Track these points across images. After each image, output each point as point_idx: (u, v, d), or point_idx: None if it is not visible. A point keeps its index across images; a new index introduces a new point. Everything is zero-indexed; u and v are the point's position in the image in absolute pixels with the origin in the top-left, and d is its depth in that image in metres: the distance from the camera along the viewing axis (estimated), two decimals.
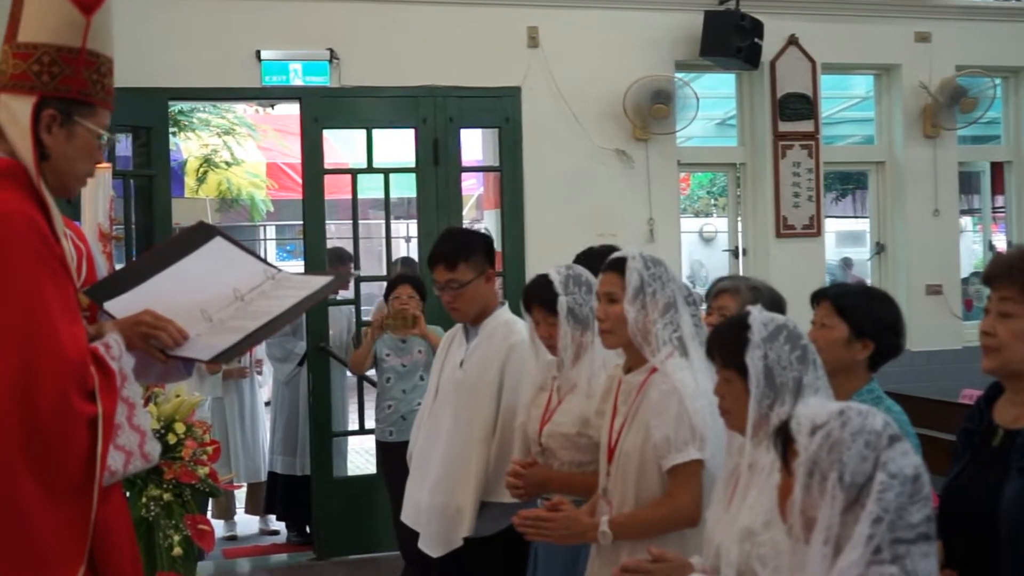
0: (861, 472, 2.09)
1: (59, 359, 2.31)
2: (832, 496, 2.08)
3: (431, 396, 4.58)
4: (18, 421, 2.25)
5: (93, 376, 2.36)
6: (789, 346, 2.73)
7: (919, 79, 8.66)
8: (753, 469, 2.72)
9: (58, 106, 2.50)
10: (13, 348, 2.27)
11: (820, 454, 2.12)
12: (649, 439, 3.29)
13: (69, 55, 2.49)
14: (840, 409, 2.17)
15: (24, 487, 2.26)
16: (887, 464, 2.09)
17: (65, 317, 2.38)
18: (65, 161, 2.54)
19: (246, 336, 2.68)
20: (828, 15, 8.53)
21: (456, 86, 7.71)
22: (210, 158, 13.91)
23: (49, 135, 2.50)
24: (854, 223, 18.31)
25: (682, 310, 3.41)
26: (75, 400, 2.31)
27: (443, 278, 4.37)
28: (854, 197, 18.98)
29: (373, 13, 7.61)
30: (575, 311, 3.83)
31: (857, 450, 2.10)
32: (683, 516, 3.22)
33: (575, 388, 3.84)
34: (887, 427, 2.14)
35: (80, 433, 2.32)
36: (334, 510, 7.49)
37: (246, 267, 2.93)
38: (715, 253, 14.71)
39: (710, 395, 3.20)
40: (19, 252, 2.33)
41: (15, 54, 2.48)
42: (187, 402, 4.07)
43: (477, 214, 13.07)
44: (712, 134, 11.47)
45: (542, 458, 3.90)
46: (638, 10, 8.07)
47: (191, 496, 3.95)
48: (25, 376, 2.26)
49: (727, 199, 9.61)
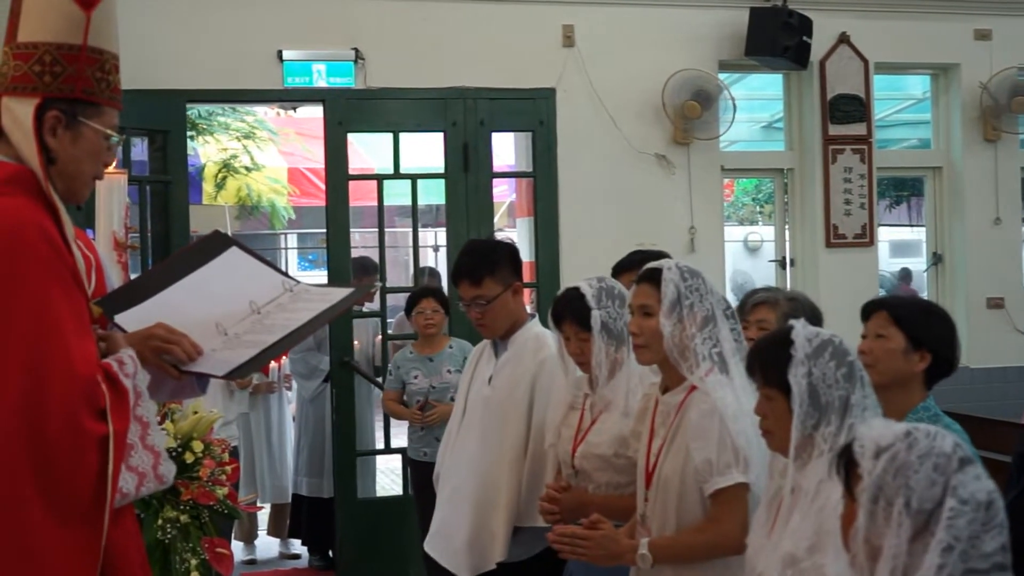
0: (930, 497, 2.05)
1: (68, 377, 2.31)
2: (899, 523, 2.05)
3: (458, 415, 4.58)
4: (25, 441, 2.25)
5: (104, 394, 2.35)
6: (835, 363, 2.71)
7: (978, 79, 8.59)
8: (796, 493, 2.70)
9: (62, 107, 2.50)
10: (22, 365, 2.27)
11: (885, 478, 2.08)
12: (690, 462, 3.27)
13: (70, 53, 2.50)
14: (907, 430, 2.14)
15: (31, 510, 2.26)
16: (958, 489, 2.05)
17: (76, 332, 2.38)
18: (72, 164, 2.54)
19: (262, 351, 2.67)
20: (881, 11, 8.48)
21: (487, 87, 7.71)
22: (229, 163, 13.93)
23: (54, 138, 2.50)
24: (909, 232, 18.17)
25: (721, 324, 3.40)
26: (84, 419, 2.31)
27: (469, 295, 4.36)
28: (909, 204, 18.82)
29: (400, 11, 7.62)
30: (609, 326, 3.81)
31: (925, 474, 2.06)
32: (727, 543, 3.19)
33: (610, 406, 3.83)
34: (957, 449, 2.10)
35: (90, 454, 2.31)
36: (358, 533, 7.48)
37: (263, 278, 2.93)
38: (761, 263, 14.62)
39: (752, 414, 3.18)
40: (29, 264, 2.34)
41: (15, 55, 2.49)
42: (205, 419, 4.06)
43: (509, 222, 13.05)
44: (758, 138, 11.44)
45: (575, 480, 3.88)
46: (679, 7, 8.05)
47: (209, 518, 3.94)
48: (33, 394, 2.26)
49: (774, 206, 9.57)
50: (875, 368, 3.30)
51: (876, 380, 3.04)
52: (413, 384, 6.52)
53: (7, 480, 2.25)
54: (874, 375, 3.14)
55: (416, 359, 6.61)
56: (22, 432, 2.25)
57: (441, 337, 6.68)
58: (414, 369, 6.55)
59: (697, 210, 8.05)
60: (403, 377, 6.58)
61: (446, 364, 6.49)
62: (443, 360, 6.52)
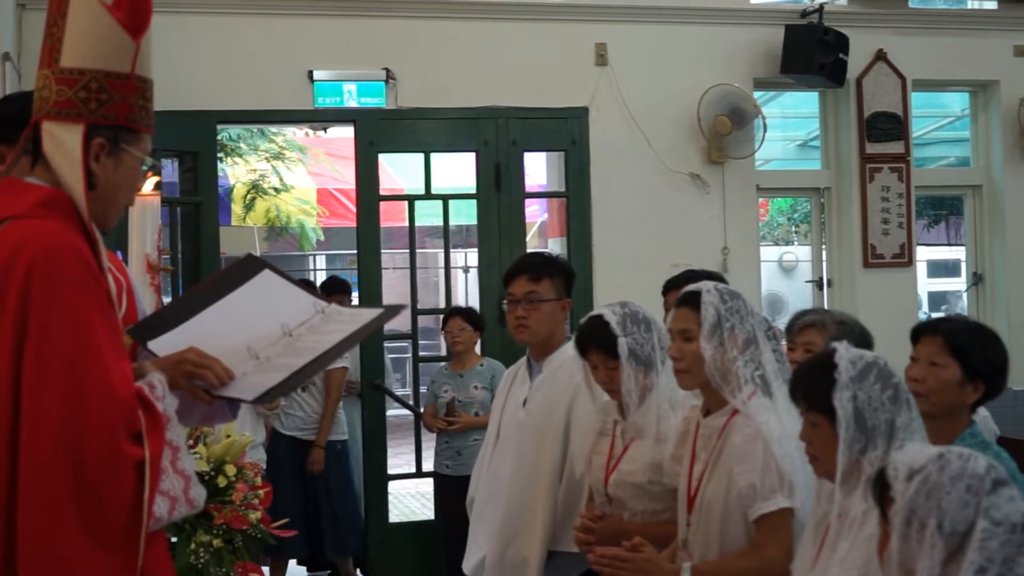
0: (962, 519, 2.06)
1: (109, 398, 2.32)
2: (931, 545, 2.06)
3: (492, 438, 4.57)
4: (65, 465, 2.26)
5: (140, 418, 2.37)
6: (880, 385, 2.69)
7: (1018, 96, 8.56)
8: (843, 519, 2.68)
9: (106, 134, 2.53)
10: (62, 385, 2.28)
11: (917, 500, 2.10)
12: (733, 487, 3.26)
13: (118, 81, 2.52)
14: (939, 453, 2.15)
15: (72, 533, 2.27)
16: (990, 510, 2.06)
17: (114, 354, 2.39)
18: (111, 190, 2.57)
19: (291, 374, 2.68)
20: (919, 28, 8.46)
21: (519, 107, 7.73)
22: (258, 184, 14.00)
23: (98, 164, 2.53)
24: (949, 251, 18.09)
25: (763, 346, 3.38)
26: (123, 443, 2.33)
27: (523, 290, 4.35)
28: (948, 224, 18.74)
29: (431, 30, 7.65)
30: (636, 352, 3.76)
31: (957, 495, 2.07)
32: (772, 569, 3.16)
33: (642, 433, 3.79)
34: (991, 471, 2.10)
35: (128, 477, 2.32)
36: (390, 556, 7.50)
37: (295, 301, 2.94)
38: (796, 284, 14.59)
39: (797, 438, 3.17)
40: (68, 286, 2.35)
41: (59, 79, 2.51)
42: (238, 442, 4.08)
43: (540, 242, 13.05)
44: (793, 156, 11.41)
45: (609, 509, 3.85)
46: (714, 24, 8.06)
47: (242, 543, 3.96)
48: (74, 414, 2.27)
49: (809, 226, 9.54)
50: (927, 398, 3.26)
51: (926, 410, 3.01)
52: (443, 397, 6.95)
53: (48, 503, 2.26)
54: (924, 405, 3.10)
55: (449, 375, 7.03)
56: (63, 454, 2.26)
57: (473, 356, 7.04)
58: (445, 384, 6.99)
59: (731, 230, 8.04)
60: (436, 391, 7.02)
61: (474, 381, 6.84)
62: (472, 377, 6.88)
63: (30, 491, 2.26)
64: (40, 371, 2.30)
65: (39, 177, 2.53)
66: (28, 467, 2.27)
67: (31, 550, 2.26)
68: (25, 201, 2.46)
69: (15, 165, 2.58)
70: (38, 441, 2.27)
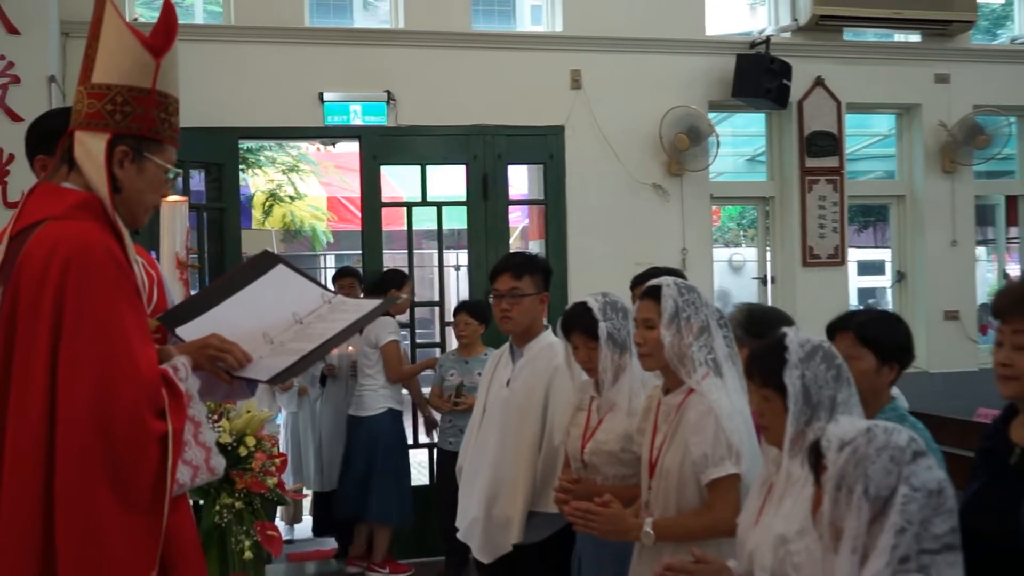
0: (886, 485, 2.08)
1: (135, 380, 2.32)
2: (858, 508, 2.08)
3: (479, 413, 4.57)
4: (97, 437, 2.26)
5: (164, 396, 2.37)
6: (825, 365, 2.69)
7: (938, 118, 8.58)
8: (789, 480, 2.69)
9: (130, 143, 2.52)
10: (94, 368, 2.28)
11: (847, 468, 2.11)
12: (688, 455, 3.28)
13: (140, 95, 2.51)
14: (867, 427, 2.16)
15: (103, 500, 2.26)
16: (910, 478, 2.08)
17: (140, 340, 2.38)
18: (136, 194, 2.56)
19: (301, 357, 2.68)
20: (852, 58, 8.48)
21: (504, 125, 7.72)
22: (275, 192, 14.00)
23: (121, 169, 2.52)
24: (876, 253, 18.13)
25: (715, 333, 3.40)
26: (148, 419, 2.32)
27: (506, 286, 4.37)
28: (875, 228, 18.77)
29: (427, 58, 7.64)
30: (614, 336, 3.81)
31: (882, 464, 2.09)
32: (722, 526, 3.17)
33: (615, 407, 3.82)
34: (912, 443, 2.12)
35: (152, 449, 2.32)
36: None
37: (306, 292, 2.93)
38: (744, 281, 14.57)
39: (744, 412, 3.19)
40: (99, 279, 2.35)
41: (90, 94, 2.50)
42: (257, 417, 4.07)
43: (522, 244, 13.03)
44: (743, 170, 11.43)
45: (584, 473, 3.87)
46: (674, 54, 8.05)
47: (260, 504, 3.95)
48: (105, 394, 2.27)
49: (756, 230, 9.54)
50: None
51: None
52: (449, 380, 6.93)
53: (82, 472, 2.25)
54: None
55: (455, 360, 7.01)
56: (95, 429, 2.26)
57: (479, 345, 7.00)
58: (452, 368, 6.97)
59: (688, 233, 8.04)
60: (443, 374, 6.99)
61: (478, 368, 6.74)
62: (476, 364, 6.84)
63: (66, 462, 2.26)
64: (74, 356, 2.29)
65: (73, 182, 2.52)
66: (64, 441, 2.26)
67: (68, 515, 2.26)
68: (62, 204, 2.46)
69: (56, 172, 2.57)
70: (73, 417, 2.26)
